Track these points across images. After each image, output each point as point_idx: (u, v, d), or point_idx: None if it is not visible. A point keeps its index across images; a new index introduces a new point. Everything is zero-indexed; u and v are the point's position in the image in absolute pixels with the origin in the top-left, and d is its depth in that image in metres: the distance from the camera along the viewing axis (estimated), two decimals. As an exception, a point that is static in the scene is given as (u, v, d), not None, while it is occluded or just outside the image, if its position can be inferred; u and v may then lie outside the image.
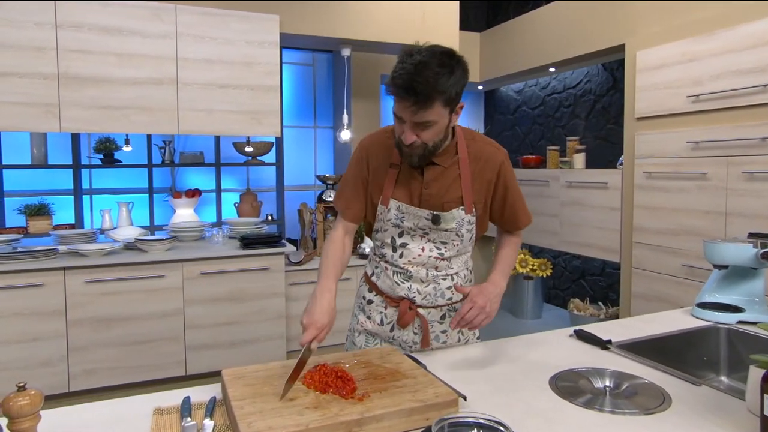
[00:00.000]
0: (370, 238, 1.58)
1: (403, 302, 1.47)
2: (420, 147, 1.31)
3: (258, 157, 4.01)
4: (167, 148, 3.86)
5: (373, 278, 1.54)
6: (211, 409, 1.08)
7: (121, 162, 3.72)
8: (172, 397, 1.16)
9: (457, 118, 1.35)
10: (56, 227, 3.45)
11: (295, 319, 3.34)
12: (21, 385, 0.82)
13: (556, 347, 1.50)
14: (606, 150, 4.37)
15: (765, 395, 0.98)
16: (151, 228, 3.87)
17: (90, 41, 2.81)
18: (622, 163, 3.56)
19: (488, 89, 5.77)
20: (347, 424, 0.95)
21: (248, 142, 3.86)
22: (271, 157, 4.17)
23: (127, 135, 3.64)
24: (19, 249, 2.89)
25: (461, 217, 1.42)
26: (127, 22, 2.87)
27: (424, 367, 1.28)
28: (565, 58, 4.16)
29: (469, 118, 5.84)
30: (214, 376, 2.94)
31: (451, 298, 1.49)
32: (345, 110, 3.85)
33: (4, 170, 3.49)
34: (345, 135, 3.75)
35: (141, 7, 2.89)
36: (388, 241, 1.47)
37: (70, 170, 3.62)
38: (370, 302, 1.55)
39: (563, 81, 4.87)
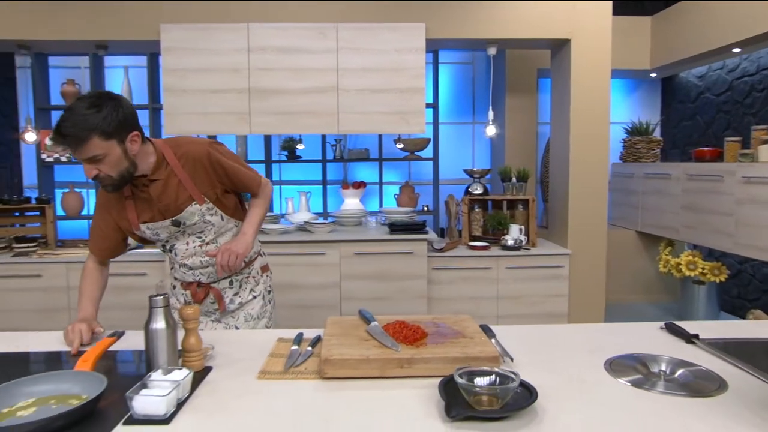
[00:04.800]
0: None
1: (191, 285, 1.77)
2: (106, 178, 1.49)
3: (416, 153, 4.39)
4: (338, 146, 4.46)
5: (172, 272, 1.85)
6: (314, 341, 1.44)
7: (301, 158, 4.44)
8: (293, 333, 1.55)
9: (135, 147, 1.51)
10: (252, 211, 4.29)
11: (436, 301, 3.63)
12: (189, 302, 1.27)
13: (637, 336, 1.53)
14: (805, 140, 3.74)
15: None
16: (324, 214, 4.53)
17: (272, 60, 3.47)
18: (811, 156, 3.07)
19: (665, 76, 5.30)
20: (399, 361, 1.21)
21: (399, 140, 4.29)
22: (428, 152, 4.52)
23: (300, 135, 4.34)
24: (224, 226, 3.71)
25: (198, 209, 1.66)
26: (299, 42, 3.47)
27: (493, 335, 1.47)
28: (751, 36, 3.67)
29: (642, 108, 5.44)
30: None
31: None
32: (490, 106, 3.99)
33: (218, 165, 4.45)
34: (490, 131, 3.91)
35: (310, 29, 3.46)
36: (161, 247, 1.77)
37: (263, 164, 4.44)
38: (174, 287, 1.86)
39: (756, 61, 4.27)
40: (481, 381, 1.09)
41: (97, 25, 3.48)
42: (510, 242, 3.70)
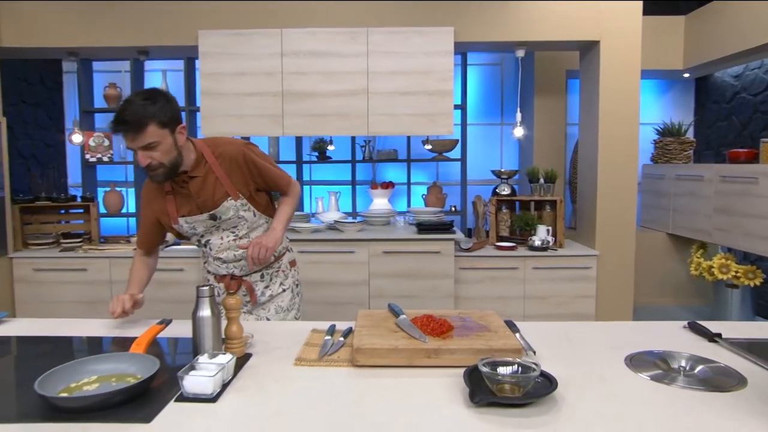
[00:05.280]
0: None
1: (225, 278, 1.90)
2: (158, 167, 1.62)
3: (444, 154, 4.45)
4: (367, 147, 4.55)
5: (206, 265, 1.98)
6: (346, 332, 1.53)
7: (331, 158, 4.54)
8: (326, 325, 1.63)
9: (183, 138, 1.66)
10: (284, 210, 4.42)
11: (463, 300, 3.68)
12: (231, 292, 1.37)
13: (659, 334, 1.57)
14: None
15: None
16: (354, 213, 4.62)
17: (304, 64, 3.58)
18: None
19: (699, 76, 5.21)
20: (426, 351, 1.29)
21: (428, 141, 4.36)
22: (457, 153, 4.57)
23: (330, 137, 4.45)
24: (257, 224, 3.85)
25: (233, 205, 1.78)
26: (330, 46, 3.57)
27: (517, 330, 1.52)
28: (788, 36, 3.61)
29: (675, 108, 5.37)
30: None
31: None
32: (518, 108, 4.01)
33: (251, 165, 4.60)
34: (517, 132, 3.93)
35: (341, 33, 3.56)
36: (196, 242, 1.89)
37: (294, 165, 4.57)
38: (207, 280, 1.99)
39: (794, 61, 4.18)
40: (503, 370, 1.15)
41: (140, 32, 3.65)
42: (537, 243, 3.72)
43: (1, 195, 3.65)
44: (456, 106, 4.33)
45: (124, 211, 4.52)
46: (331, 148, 4.51)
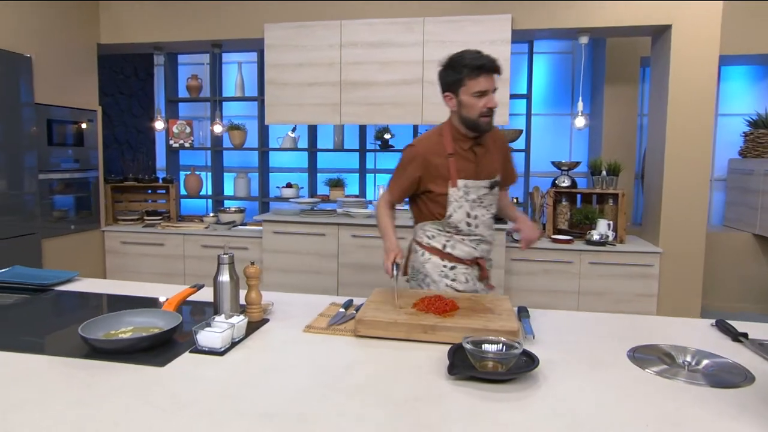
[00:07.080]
0: (421, 221, 1.98)
1: (480, 260, 1.93)
2: (494, 110, 1.79)
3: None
4: (428, 136, 4.59)
5: (447, 249, 1.90)
6: (359, 307, 1.61)
7: (394, 147, 4.63)
8: (344, 299, 1.74)
9: None
10: (347, 197, 4.58)
11: (514, 291, 3.64)
12: (252, 262, 1.50)
13: (678, 331, 1.52)
14: None
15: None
16: (413, 202, 4.69)
17: (362, 55, 3.69)
18: None
19: (800, 62, 4.71)
20: (423, 327, 1.35)
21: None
22: (520, 143, 4.49)
23: (388, 126, 4.53)
24: (315, 209, 4.03)
25: (498, 181, 1.92)
26: (387, 37, 3.64)
27: (527, 316, 1.54)
28: None
29: (766, 99, 4.90)
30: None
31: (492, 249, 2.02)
32: (580, 97, 3.87)
33: (318, 153, 4.81)
34: (579, 122, 3.79)
35: (397, 23, 3.63)
36: (463, 216, 1.86)
37: (357, 153, 4.71)
38: (453, 268, 1.90)
39: None
40: (487, 347, 1.19)
41: (213, 27, 3.94)
42: (596, 237, 3.59)
43: (97, 175, 4.11)
44: (522, 96, 4.25)
45: (202, 193, 4.90)
46: (387, 136, 4.59)
